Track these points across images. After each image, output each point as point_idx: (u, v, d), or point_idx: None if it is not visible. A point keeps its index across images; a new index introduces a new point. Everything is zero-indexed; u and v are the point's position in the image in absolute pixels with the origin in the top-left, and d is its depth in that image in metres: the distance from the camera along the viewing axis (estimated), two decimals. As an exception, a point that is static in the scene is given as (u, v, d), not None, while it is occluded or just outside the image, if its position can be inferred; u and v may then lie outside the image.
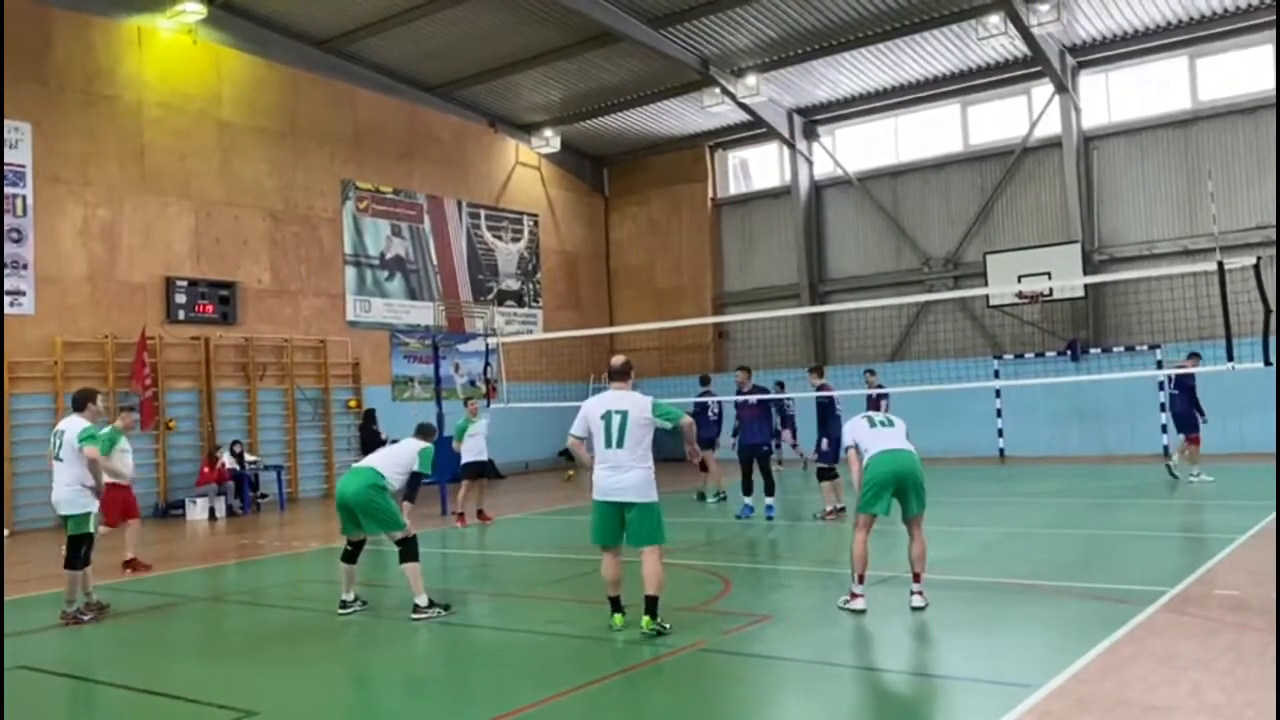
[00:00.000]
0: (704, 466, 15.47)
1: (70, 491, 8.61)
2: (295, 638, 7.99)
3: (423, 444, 8.87)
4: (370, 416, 19.81)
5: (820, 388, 13.72)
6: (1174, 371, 14.94)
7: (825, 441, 13.33)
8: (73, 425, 8.67)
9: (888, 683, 6.22)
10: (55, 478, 8.71)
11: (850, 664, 6.59)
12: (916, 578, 7.58)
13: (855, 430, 8.01)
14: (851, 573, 7.58)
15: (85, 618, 8.55)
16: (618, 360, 7.64)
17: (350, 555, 8.51)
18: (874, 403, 14.16)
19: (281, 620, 8.78)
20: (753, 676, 6.27)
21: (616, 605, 7.35)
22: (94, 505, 8.72)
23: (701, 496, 15.96)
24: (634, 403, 7.31)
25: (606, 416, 7.26)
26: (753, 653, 6.70)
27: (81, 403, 8.83)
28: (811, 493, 14.12)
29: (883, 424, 7.92)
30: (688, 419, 7.51)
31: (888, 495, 7.55)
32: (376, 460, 8.68)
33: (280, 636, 8.08)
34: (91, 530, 8.69)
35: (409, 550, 8.22)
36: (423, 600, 8.09)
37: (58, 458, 8.67)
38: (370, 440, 18.39)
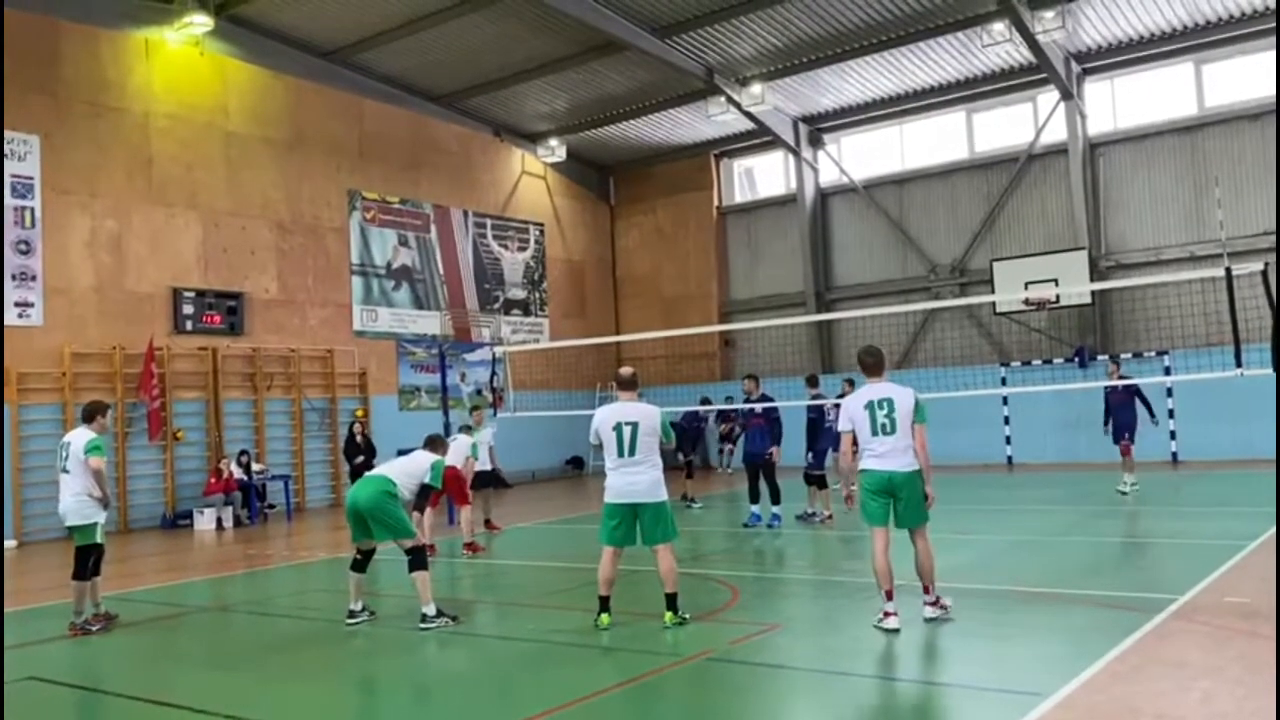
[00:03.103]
0: (690, 473, 17.28)
1: (76, 502, 8.63)
2: (303, 647, 7.99)
3: (435, 456, 8.92)
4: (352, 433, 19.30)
5: (815, 397, 13.80)
6: (1126, 382, 15.01)
7: (811, 455, 13.74)
8: (79, 436, 8.71)
9: (897, 691, 6.21)
10: (62, 489, 8.74)
11: (859, 673, 6.55)
12: (926, 589, 7.41)
13: (855, 416, 7.46)
14: (878, 588, 7.30)
15: (93, 628, 8.56)
16: (626, 371, 8.16)
17: (359, 564, 8.53)
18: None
19: (289, 630, 8.78)
20: (761, 685, 6.26)
21: (605, 605, 7.67)
22: (100, 516, 8.71)
23: (685, 498, 16.83)
24: (643, 414, 7.78)
25: (618, 428, 7.70)
26: (761, 661, 6.69)
27: (91, 415, 8.87)
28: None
29: (884, 429, 7.33)
30: (670, 445, 8.36)
31: (883, 504, 7.36)
32: (389, 469, 8.76)
33: (288, 646, 8.09)
34: (98, 540, 8.70)
35: (418, 559, 8.23)
36: (430, 610, 8.09)
37: (64, 469, 8.70)
38: (352, 451, 18.41)
